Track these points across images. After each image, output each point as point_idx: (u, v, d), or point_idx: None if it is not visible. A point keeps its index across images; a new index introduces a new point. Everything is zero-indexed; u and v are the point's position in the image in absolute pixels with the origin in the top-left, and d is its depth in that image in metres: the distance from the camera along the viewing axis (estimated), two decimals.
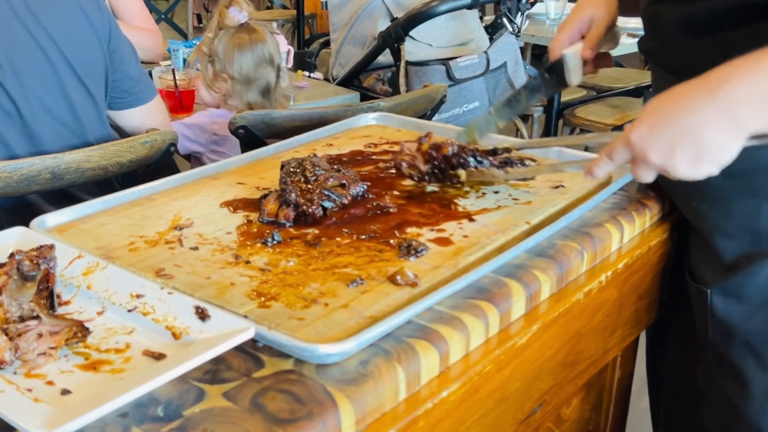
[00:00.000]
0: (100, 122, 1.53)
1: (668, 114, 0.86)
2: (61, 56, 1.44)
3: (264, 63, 1.94)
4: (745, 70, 0.82)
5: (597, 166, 0.96)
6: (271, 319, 0.81)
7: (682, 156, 0.85)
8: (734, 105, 0.81)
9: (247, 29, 1.92)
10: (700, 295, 1.10)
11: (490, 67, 2.41)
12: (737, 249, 1.05)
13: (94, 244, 0.97)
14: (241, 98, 1.97)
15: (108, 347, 0.77)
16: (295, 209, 1.03)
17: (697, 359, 1.15)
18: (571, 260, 1.00)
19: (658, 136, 0.86)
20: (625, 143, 0.90)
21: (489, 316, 0.87)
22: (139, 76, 1.62)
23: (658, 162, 0.87)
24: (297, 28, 5.30)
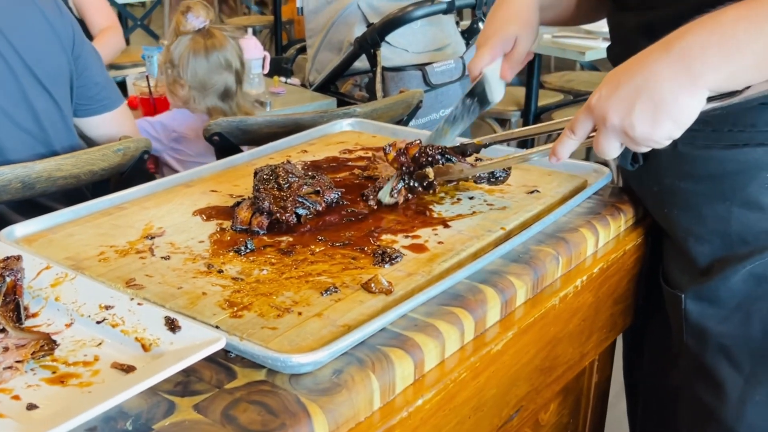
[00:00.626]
0: (65, 129, 1.50)
1: (626, 74, 0.84)
2: (21, 62, 1.41)
3: (220, 68, 1.92)
4: (701, 23, 0.80)
5: (560, 144, 0.94)
6: (243, 329, 0.80)
7: (641, 113, 0.83)
8: (690, 57, 0.79)
9: (205, 34, 1.91)
10: (675, 300, 1.11)
11: (467, 72, 2.41)
12: (710, 253, 1.06)
13: (64, 254, 0.95)
14: (199, 104, 1.96)
15: (76, 360, 0.75)
16: (269, 217, 1.02)
17: (672, 363, 1.15)
18: (546, 265, 1.00)
19: (617, 95, 0.84)
20: (585, 111, 0.89)
21: (464, 322, 0.87)
22: (104, 82, 1.60)
23: (618, 122, 0.85)
24: (275, 33, 5.30)
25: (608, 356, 1.30)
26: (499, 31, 1.16)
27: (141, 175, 1.50)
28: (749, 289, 1.03)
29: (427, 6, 2.30)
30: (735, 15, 0.78)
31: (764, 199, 0.99)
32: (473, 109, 1.18)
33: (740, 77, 0.80)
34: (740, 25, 0.77)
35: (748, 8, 0.78)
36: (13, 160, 1.39)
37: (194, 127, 1.92)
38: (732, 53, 0.78)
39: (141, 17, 4.51)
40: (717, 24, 0.78)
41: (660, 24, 1.01)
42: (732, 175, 1.00)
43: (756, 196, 0.99)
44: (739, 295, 1.03)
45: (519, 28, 1.16)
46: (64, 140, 1.49)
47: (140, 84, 2.12)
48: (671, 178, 0.93)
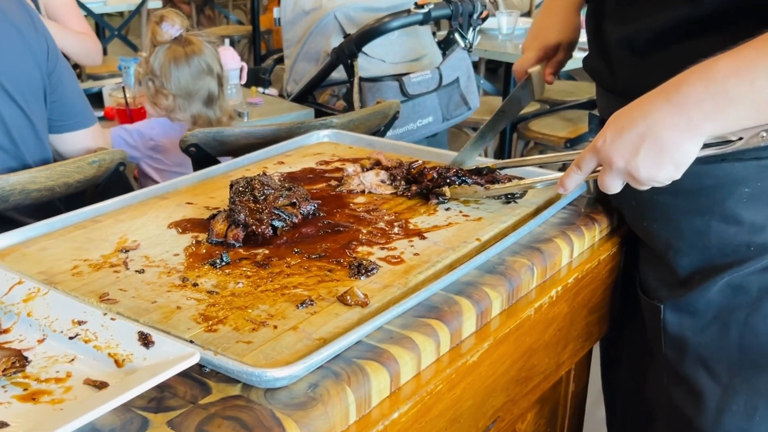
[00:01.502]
0: (37, 144, 1.48)
1: (629, 120, 0.90)
2: None
3: (202, 74, 1.92)
4: (697, 75, 0.86)
5: (568, 178, 1.00)
6: (217, 343, 0.79)
7: (644, 157, 0.89)
8: (688, 108, 0.86)
9: (182, 42, 1.90)
10: (653, 311, 1.11)
11: (443, 82, 2.42)
12: (689, 265, 1.07)
13: (37, 268, 0.94)
14: (184, 112, 1.95)
15: (48, 377, 0.74)
16: (245, 229, 1.01)
17: (650, 372, 1.16)
18: (521, 276, 1.01)
19: (622, 140, 0.90)
20: (591, 151, 0.94)
21: (440, 334, 0.87)
22: (78, 99, 1.59)
23: (622, 165, 0.90)
24: (253, 43, 5.29)
25: (584, 365, 1.30)
26: (544, 37, 1.29)
27: (117, 187, 1.49)
28: (727, 300, 1.04)
29: (404, 17, 2.31)
30: (725, 70, 0.84)
31: (742, 213, 1.00)
32: (517, 104, 1.28)
33: (734, 125, 0.87)
34: (730, 81, 0.84)
35: (737, 62, 0.84)
36: None
37: (172, 136, 1.91)
38: (725, 106, 0.84)
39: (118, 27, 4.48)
40: (710, 79, 0.85)
41: (639, 38, 1.03)
42: (710, 190, 1.01)
43: (734, 210, 1.01)
44: (716, 306, 1.05)
45: (562, 36, 1.29)
46: (36, 155, 1.48)
47: (116, 95, 2.10)
48: (649, 192, 0.95)
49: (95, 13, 4.27)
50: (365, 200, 1.17)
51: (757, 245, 1.01)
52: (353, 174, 1.19)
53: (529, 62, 1.28)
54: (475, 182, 1.15)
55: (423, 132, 2.39)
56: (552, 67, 1.29)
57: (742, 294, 1.03)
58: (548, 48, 1.28)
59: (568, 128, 3.40)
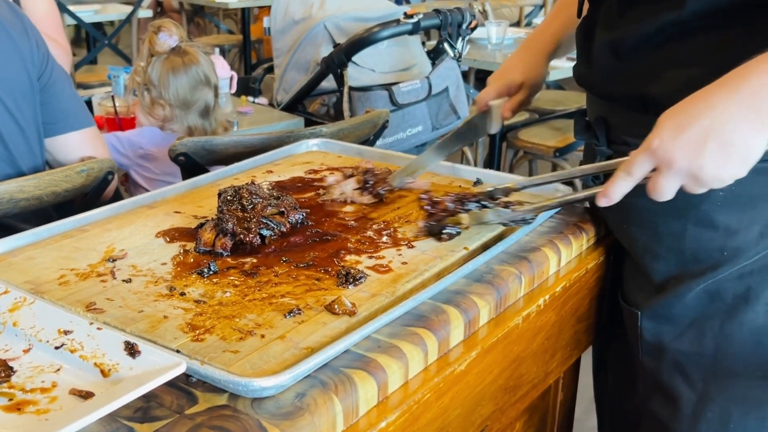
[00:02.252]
0: (28, 150, 1.47)
1: (690, 115, 0.84)
2: None
3: (200, 85, 1.93)
4: (764, 65, 0.82)
5: (614, 185, 0.91)
6: (204, 352, 0.79)
7: (711, 155, 0.83)
8: (757, 99, 0.81)
9: (180, 53, 1.90)
10: (632, 317, 1.12)
11: (433, 91, 2.43)
12: (666, 270, 1.08)
13: (23, 278, 0.94)
14: (181, 122, 1.95)
15: (33, 387, 0.74)
16: (233, 238, 1.01)
17: (634, 380, 1.17)
18: (509, 285, 1.01)
19: (684, 137, 0.84)
20: (646, 153, 0.87)
21: (428, 343, 0.87)
22: (71, 101, 1.57)
23: (686, 164, 0.84)
24: (243, 53, 5.30)
25: (573, 374, 1.31)
26: (508, 76, 1.36)
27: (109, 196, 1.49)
28: (702, 307, 1.04)
29: (393, 27, 2.32)
30: None
31: (717, 217, 1.01)
32: (473, 133, 1.26)
33: None
34: None
35: None
36: None
37: (162, 145, 1.91)
38: None
39: (109, 37, 4.48)
40: None
41: (623, 42, 1.04)
42: (686, 193, 1.01)
43: (709, 214, 1.01)
44: (693, 312, 1.05)
45: (526, 77, 1.35)
46: (28, 161, 1.47)
47: (106, 104, 2.10)
48: (629, 196, 0.94)
49: (85, 22, 4.26)
50: (354, 209, 1.18)
51: (731, 249, 1.01)
52: (335, 183, 1.19)
53: (490, 96, 1.34)
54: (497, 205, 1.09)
55: (413, 141, 2.40)
56: (512, 104, 1.35)
57: (718, 301, 1.03)
58: (511, 86, 1.35)
59: (557, 137, 3.41)
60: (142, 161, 1.90)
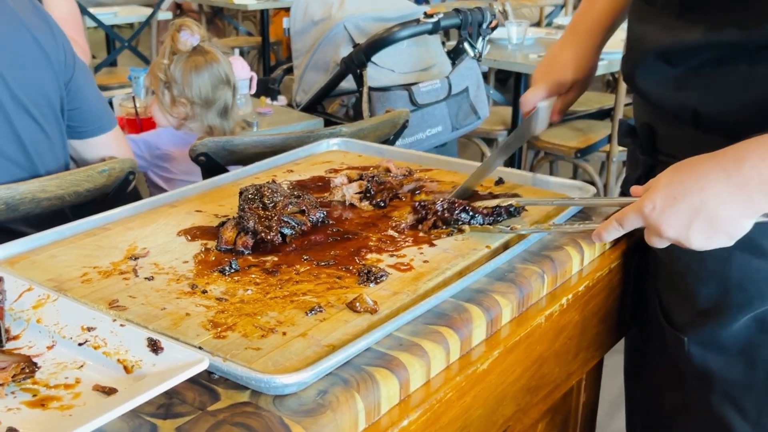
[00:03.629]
0: (53, 157, 1.47)
1: (683, 190, 0.86)
2: (8, 91, 1.36)
3: (221, 84, 1.93)
4: (761, 152, 0.82)
5: (606, 232, 0.97)
6: (226, 350, 0.79)
7: (697, 230, 0.86)
8: (749, 187, 0.82)
9: (201, 52, 1.92)
10: (676, 341, 1.09)
11: (453, 91, 2.42)
12: (709, 294, 1.04)
13: (46, 276, 0.94)
14: (201, 121, 1.96)
15: (57, 383, 0.74)
16: (254, 237, 1.01)
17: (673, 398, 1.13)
18: (531, 284, 1.00)
19: (673, 212, 0.87)
20: (638, 213, 0.91)
21: (449, 341, 0.87)
22: (98, 104, 1.58)
23: (673, 235, 0.88)
24: (262, 54, 5.32)
25: (595, 375, 1.29)
26: (559, 73, 1.22)
27: (126, 196, 1.49)
28: (752, 336, 1.01)
29: (413, 26, 2.31)
30: None
31: (766, 244, 0.97)
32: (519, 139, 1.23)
33: None
34: None
35: None
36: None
37: (179, 145, 1.91)
38: None
39: (129, 39, 4.51)
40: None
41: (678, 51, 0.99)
42: None
43: (759, 240, 0.97)
44: (741, 342, 1.01)
45: (578, 75, 1.22)
46: (51, 168, 1.47)
47: (127, 105, 2.11)
48: None
49: (105, 24, 4.30)
50: (373, 208, 1.17)
51: None
52: (339, 185, 1.18)
53: (540, 96, 1.21)
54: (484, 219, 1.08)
55: (432, 141, 2.39)
56: (562, 105, 1.23)
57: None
58: (562, 85, 1.22)
59: (578, 138, 3.39)
60: (160, 161, 1.91)
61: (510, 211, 1.09)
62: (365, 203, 1.16)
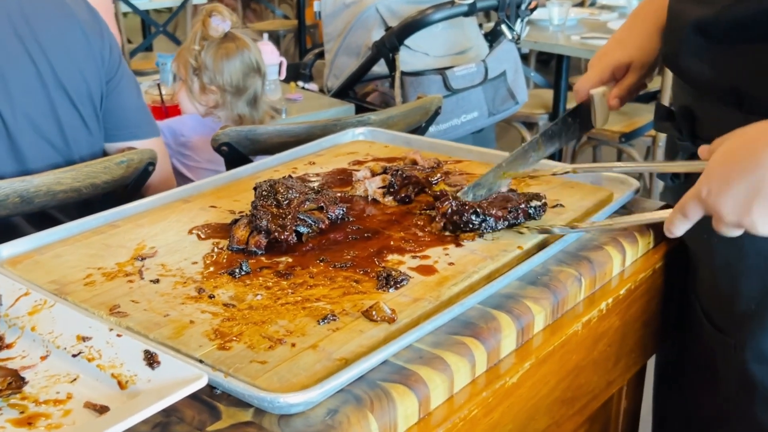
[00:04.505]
0: (88, 146, 1.48)
1: (737, 169, 0.78)
2: (53, 75, 1.40)
3: (252, 72, 1.88)
4: None
5: (673, 225, 0.86)
6: (229, 363, 0.73)
7: (759, 211, 0.77)
8: None
9: (232, 38, 1.86)
10: (719, 347, 1.01)
11: (489, 76, 2.33)
12: (751, 294, 0.96)
13: (48, 277, 0.89)
14: (230, 110, 1.90)
15: (47, 398, 0.69)
16: (267, 236, 0.95)
17: (710, 399, 1.06)
18: (567, 288, 0.92)
19: (730, 193, 0.78)
20: (696, 200, 0.82)
21: (475, 353, 0.79)
22: (136, 109, 1.56)
23: (735, 220, 0.79)
24: (298, 38, 5.26)
25: (638, 381, 1.21)
26: (613, 54, 1.10)
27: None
28: None
29: (448, 8, 2.22)
30: None
31: None
32: (573, 130, 1.11)
33: None
34: None
35: None
36: (32, 170, 1.36)
37: (203, 133, 1.86)
38: None
39: (163, 23, 4.49)
40: None
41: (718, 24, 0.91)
42: None
43: None
44: None
45: (634, 54, 1.09)
46: (86, 156, 1.47)
47: (152, 92, 2.07)
48: None
49: (140, 9, 4.28)
50: (397, 203, 1.10)
51: None
52: (362, 179, 1.11)
53: (591, 82, 1.10)
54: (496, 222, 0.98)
55: (468, 128, 2.31)
56: (620, 91, 1.10)
57: None
58: (617, 67, 1.10)
59: (623, 122, 3.27)
60: (183, 149, 1.85)
61: (528, 213, 1.00)
62: (389, 198, 1.09)
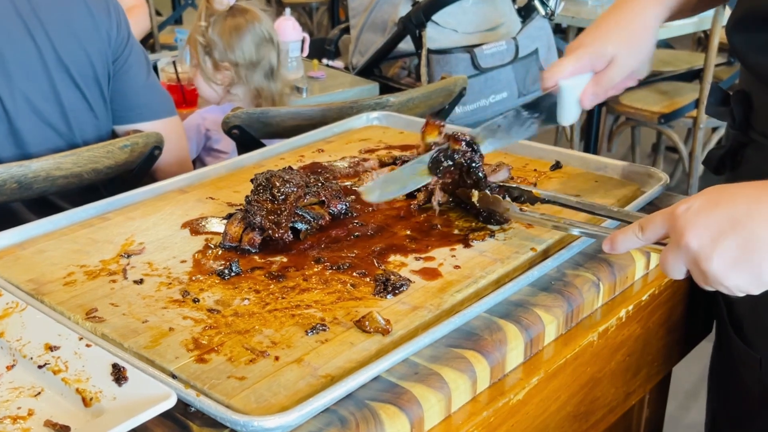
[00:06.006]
0: (94, 129, 1.42)
1: (731, 198, 0.68)
2: (56, 56, 1.34)
3: (264, 42, 1.80)
4: None
5: (624, 238, 0.76)
6: (206, 378, 0.67)
7: (724, 249, 0.66)
8: None
9: (240, 11, 1.79)
10: (749, 360, 0.94)
11: (520, 54, 2.23)
12: None
13: (27, 275, 0.84)
14: (248, 84, 1.83)
15: (7, 413, 0.64)
16: (262, 233, 0.89)
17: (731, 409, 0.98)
18: (583, 294, 0.85)
19: (710, 216, 0.68)
20: (667, 216, 0.72)
21: (477, 368, 0.73)
22: (146, 89, 1.49)
23: (695, 247, 0.68)
24: (331, 11, 5.17)
25: (661, 389, 1.13)
26: (594, 43, 0.94)
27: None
28: None
29: None
30: None
31: None
32: (529, 124, 0.97)
33: None
34: None
35: None
36: (33, 154, 1.32)
37: None
38: None
39: None
40: None
41: None
42: None
43: None
44: None
45: (619, 46, 0.93)
46: (91, 140, 1.41)
47: (169, 70, 2.02)
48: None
49: None
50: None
51: None
52: (370, 169, 1.04)
53: (564, 71, 0.94)
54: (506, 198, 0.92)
55: (496, 109, 2.21)
56: (595, 87, 0.94)
57: None
58: (598, 58, 0.94)
59: (663, 102, 3.14)
60: (209, 142, 1.78)
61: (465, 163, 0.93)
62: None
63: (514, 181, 1.05)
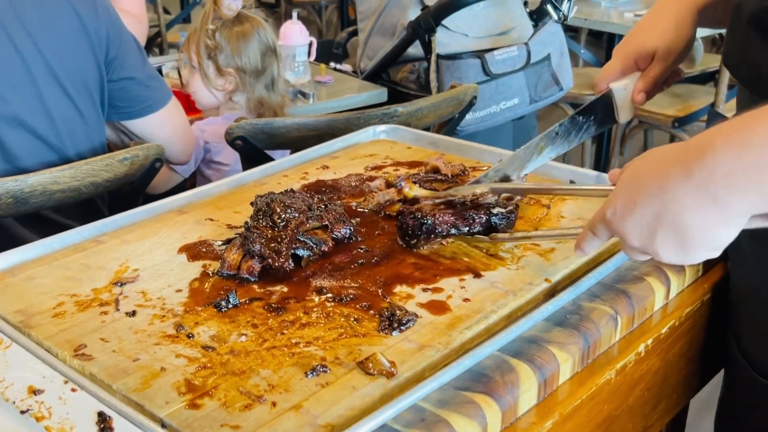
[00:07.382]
0: (86, 138, 1.37)
1: (642, 192, 0.67)
2: (44, 64, 1.29)
3: (269, 52, 1.77)
4: (728, 139, 0.61)
5: (584, 242, 0.78)
6: (198, 426, 0.63)
7: (664, 242, 0.67)
8: (712, 184, 0.62)
9: (245, 18, 1.75)
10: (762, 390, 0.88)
11: (532, 60, 2.17)
12: None
13: (15, 306, 0.80)
14: (251, 92, 1.79)
15: None
16: (261, 261, 0.85)
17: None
18: (600, 329, 0.80)
19: (633, 217, 0.68)
20: (602, 222, 0.72)
21: (487, 414, 0.69)
22: (147, 81, 1.45)
23: (639, 246, 0.69)
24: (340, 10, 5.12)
25: (680, 416, 1.08)
26: (636, 41, 0.98)
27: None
28: None
29: None
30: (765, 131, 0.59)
31: None
32: (587, 127, 0.99)
33: None
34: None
35: None
36: (24, 168, 1.27)
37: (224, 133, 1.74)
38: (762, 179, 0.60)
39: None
40: (743, 145, 0.60)
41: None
42: None
43: None
44: None
45: (661, 40, 0.96)
46: (83, 150, 1.37)
47: (172, 75, 1.97)
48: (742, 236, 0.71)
49: None
50: None
51: None
52: (376, 191, 0.99)
53: (612, 74, 0.99)
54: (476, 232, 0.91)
55: (507, 115, 2.16)
56: (644, 83, 0.98)
57: None
58: (641, 56, 0.98)
59: (677, 105, 3.08)
60: (210, 155, 1.73)
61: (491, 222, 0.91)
62: None
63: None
